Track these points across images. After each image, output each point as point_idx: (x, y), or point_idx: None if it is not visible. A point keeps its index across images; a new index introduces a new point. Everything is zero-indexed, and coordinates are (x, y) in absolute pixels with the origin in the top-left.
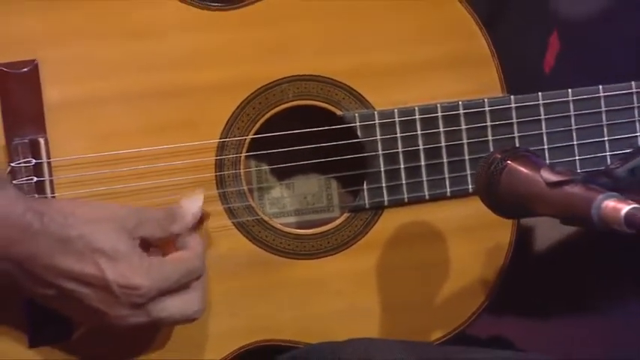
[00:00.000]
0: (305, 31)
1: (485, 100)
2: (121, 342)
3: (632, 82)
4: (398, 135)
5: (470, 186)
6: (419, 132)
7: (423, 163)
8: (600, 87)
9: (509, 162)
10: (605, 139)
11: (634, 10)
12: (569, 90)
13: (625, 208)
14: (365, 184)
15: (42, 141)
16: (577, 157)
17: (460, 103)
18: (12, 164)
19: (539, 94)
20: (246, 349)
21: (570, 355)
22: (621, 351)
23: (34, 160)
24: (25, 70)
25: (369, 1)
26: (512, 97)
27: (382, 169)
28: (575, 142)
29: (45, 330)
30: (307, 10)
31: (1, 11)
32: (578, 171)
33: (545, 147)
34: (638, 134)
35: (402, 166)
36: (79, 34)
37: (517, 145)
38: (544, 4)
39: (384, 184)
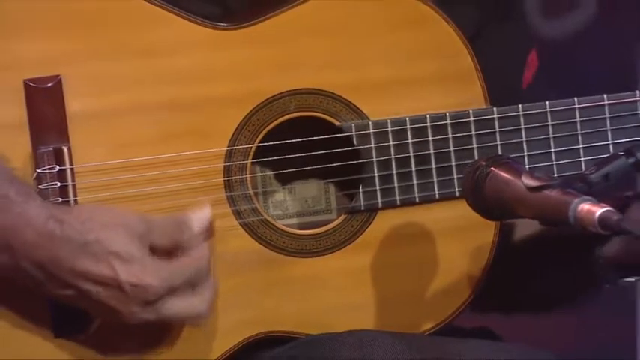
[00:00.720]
0: (305, 49)
1: (470, 111)
2: (136, 333)
3: (604, 95)
4: (391, 143)
5: (457, 189)
6: (410, 140)
7: (413, 168)
8: (575, 99)
9: (492, 168)
10: (580, 146)
11: (606, 29)
12: (547, 102)
13: (599, 211)
14: (360, 188)
15: (65, 149)
16: (554, 163)
17: (447, 114)
18: (38, 170)
19: (520, 105)
20: (251, 339)
21: (547, 346)
22: (596, 346)
23: (58, 167)
24: (50, 84)
25: (365, 22)
26: (494, 108)
27: (376, 175)
28: (552, 150)
29: (67, 322)
30: (307, 30)
31: (27, 32)
32: (556, 176)
33: (525, 154)
34: (609, 142)
35: (395, 171)
36: (99, 52)
37: (500, 152)
38: (523, 24)
39: (378, 188)
